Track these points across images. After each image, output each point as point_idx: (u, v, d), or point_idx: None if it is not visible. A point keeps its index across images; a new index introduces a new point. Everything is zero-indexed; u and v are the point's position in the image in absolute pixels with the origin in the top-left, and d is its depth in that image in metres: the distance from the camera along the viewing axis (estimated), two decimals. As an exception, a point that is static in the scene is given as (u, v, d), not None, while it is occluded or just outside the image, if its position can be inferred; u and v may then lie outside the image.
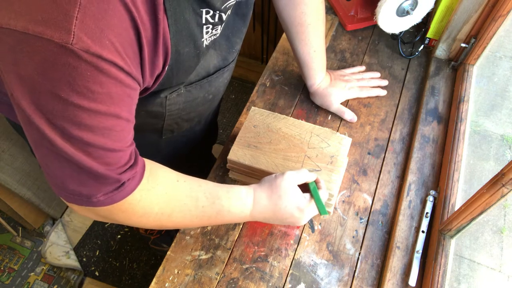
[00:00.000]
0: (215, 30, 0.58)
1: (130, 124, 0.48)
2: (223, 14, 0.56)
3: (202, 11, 0.52)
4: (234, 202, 0.61)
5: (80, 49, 0.38)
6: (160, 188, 0.55)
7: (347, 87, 0.92)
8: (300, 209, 0.63)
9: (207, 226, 0.76)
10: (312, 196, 0.65)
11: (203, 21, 0.54)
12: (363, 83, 0.95)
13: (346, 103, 0.94)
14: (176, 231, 0.78)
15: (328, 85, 0.91)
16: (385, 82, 0.97)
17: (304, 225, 0.77)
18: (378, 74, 0.99)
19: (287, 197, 0.63)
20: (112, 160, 0.47)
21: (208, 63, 0.67)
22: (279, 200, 0.63)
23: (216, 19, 0.55)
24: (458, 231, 0.68)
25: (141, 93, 0.54)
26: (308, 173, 0.66)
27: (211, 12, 0.53)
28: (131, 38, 0.42)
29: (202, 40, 0.56)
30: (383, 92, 0.96)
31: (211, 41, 0.59)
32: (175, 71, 0.56)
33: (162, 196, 0.55)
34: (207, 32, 0.56)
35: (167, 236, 1.57)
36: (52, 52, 0.38)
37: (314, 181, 0.67)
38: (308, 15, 0.79)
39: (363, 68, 1.00)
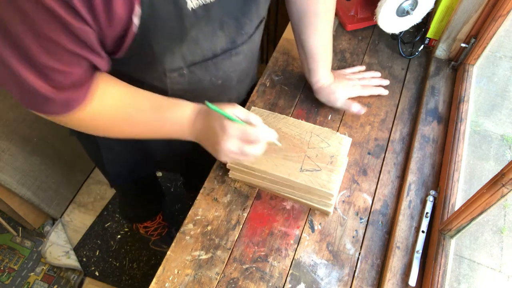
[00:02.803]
0: None
1: (79, 59, 0.52)
2: None
3: None
4: (177, 110, 0.65)
5: None
6: (108, 100, 0.60)
7: (350, 85, 0.92)
8: (223, 126, 0.62)
9: (208, 226, 0.76)
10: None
11: None
12: (365, 82, 0.95)
13: (346, 103, 0.94)
14: (176, 231, 0.78)
15: (332, 82, 0.90)
16: (386, 82, 0.97)
17: (304, 225, 0.77)
18: (378, 74, 0.99)
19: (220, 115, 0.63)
20: (56, 77, 0.52)
21: (215, 44, 0.66)
22: (213, 113, 0.64)
23: None
24: (458, 231, 0.68)
25: (119, 43, 0.54)
26: (257, 119, 0.65)
27: None
28: None
29: (186, 0, 0.54)
30: (385, 91, 0.95)
31: (202, 7, 0.57)
32: (153, 29, 0.54)
33: (109, 107, 0.61)
34: None
35: (167, 237, 1.57)
36: None
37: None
38: (321, 3, 0.79)
39: (363, 67, 1.00)
